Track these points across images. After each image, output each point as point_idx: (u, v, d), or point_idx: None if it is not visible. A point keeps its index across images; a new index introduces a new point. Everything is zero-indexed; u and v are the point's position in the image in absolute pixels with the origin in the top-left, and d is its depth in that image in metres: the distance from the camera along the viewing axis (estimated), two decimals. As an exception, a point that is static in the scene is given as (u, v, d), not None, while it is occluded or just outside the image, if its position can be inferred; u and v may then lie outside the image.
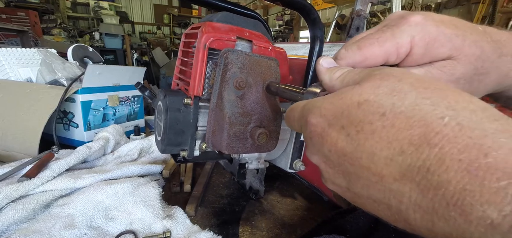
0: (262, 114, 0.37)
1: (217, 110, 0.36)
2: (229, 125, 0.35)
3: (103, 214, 0.51)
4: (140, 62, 4.81)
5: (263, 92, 0.37)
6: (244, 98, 0.36)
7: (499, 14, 3.15)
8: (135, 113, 1.03)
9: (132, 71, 1.00)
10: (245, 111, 0.36)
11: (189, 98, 0.37)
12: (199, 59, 0.36)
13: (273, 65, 0.38)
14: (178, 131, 0.38)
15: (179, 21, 7.99)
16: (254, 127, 0.36)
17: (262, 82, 0.37)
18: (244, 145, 0.37)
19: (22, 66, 0.95)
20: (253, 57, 0.36)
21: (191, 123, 0.38)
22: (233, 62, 0.35)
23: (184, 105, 0.37)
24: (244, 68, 0.35)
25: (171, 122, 0.37)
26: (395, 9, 2.29)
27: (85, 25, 6.52)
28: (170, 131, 0.37)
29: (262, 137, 0.35)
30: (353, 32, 1.29)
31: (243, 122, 0.36)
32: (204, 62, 0.37)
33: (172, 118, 0.37)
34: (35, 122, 0.73)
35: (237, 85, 0.35)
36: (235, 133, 0.35)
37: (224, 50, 0.35)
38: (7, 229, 0.46)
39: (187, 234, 0.48)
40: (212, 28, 0.37)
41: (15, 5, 4.56)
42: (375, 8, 4.09)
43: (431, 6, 4.00)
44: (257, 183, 0.64)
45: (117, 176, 0.64)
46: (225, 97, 0.35)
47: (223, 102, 0.35)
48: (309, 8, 0.41)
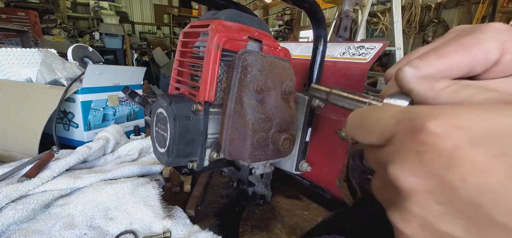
0: (282, 118, 0.35)
1: (236, 116, 0.33)
2: (252, 132, 0.32)
3: (103, 214, 0.51)
4: (140, 62, 4.81)
5: (281, 95, 0.35)
6: (264, 102, 0.34)
7: (499, 14, 3.16)
8: (135, 114, 1.03)
9: (132, 71, 1.00)
10: (266, 116, 0.33)
11: (198, 104, 0.34)
12: (211, 61, 0.33)
13: (287, 66, 0.36)
14: (188, 140, 0.35)
15: (179, 21, 7.98)
16: (275, 132, 0.34)
17: (279, 84, 0.35)
18: (266, 152, 0.34)
19: (22, 66, 0.95)
20: (269, 59, 0.34)
21: (201, 131, 0.35)
22: (253, 64, 0.32)
23: (193, 112, 0.34)
24: (263, 70, 0.33)
25: (180, 131, 0.33)
26: (395, 9, 2.28)
27: (85, 25, 6.52)
28: (180, 141, 0.34)
29: (287, 142, 0.33)
30: (341, 32, 1.30)
31: (265, 127, 0.33)
32: (217, 64, 0.34)
33: (181, 127, 0.34)
34: (35, 122, 0.73)
35: (258, 89, 0.32)
36: (258, 140, 0.33)
37: (242, 52, 0.33)
38: (7, 229, 0.46)
39: (187, 234, 0.48)
40: (224, 27, 0.35)
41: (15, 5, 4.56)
42: (375, 8, 4.09)
43: (431, 6, 4.00)
44: (262, 188, 0.63)
45: (117, 176, 0.64)
46: (245, 102, 0.32)
47: (244, 108, 0.32)
48: (316, 7, 0.41)
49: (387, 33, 4.04)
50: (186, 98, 0.36)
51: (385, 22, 4.04)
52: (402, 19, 3.60)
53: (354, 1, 1.34)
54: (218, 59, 0.34)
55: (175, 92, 0.41)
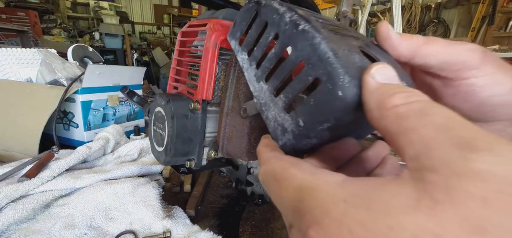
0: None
1: (233, 114, 0.33)
2: (250, 130, 0.32)
3: (103, 214, 0.51)
4: (140, 62, 4.81)
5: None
6: None
7: (499, 14, 3.16)
8: (135, 114, 1.03)
9: (132, 71, 1.00)
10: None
11: (196, 103, 0.34)
12: (209, 59, 0.33)
13: None
14: (186, 139, 0.34)
15: (179, 21, 7.97)
16: None
17: None
18: None
19: (22, 66, 0.95)
20: None
21: (199, 129, 0.35)
22: None
23: (191, 111, 0.34)
24: None
25: (178, 130, 0.33)
26: (395, 9, 2.28)
27: (85, 25, 6.51)
28: (178, 139, 0.34)
29: None
30: None
31: (263, 125, 0.34)
32: (215, 63, 0.34)
33: (179, 125, 0.33)
34: (35, 122, 0.73)
35: None
36: (255, 138, 0.33)
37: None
38: (7, 229, 0.46)
39: (187, 234, 0.48)
40: (222, 26, 0.35)
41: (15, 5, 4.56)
42: (375, 8, 4.09)
43: (431, 6, 4.00)
44: (260, 188, 0.63)
45: (117, 176, 0.64)
46: (243, 100, 0.32)
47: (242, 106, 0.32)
48: (314, 6, 0.41)
49: (387, 33, 4.03)
50: (184, 97, 0.36)
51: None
52: (402, 19, 3.60)
53: (352, 1, 1.33)
54: (215, 57, 0.34)
55: (173, 92, 0.41)
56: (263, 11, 0.23)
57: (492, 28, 3.24)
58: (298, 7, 0.23)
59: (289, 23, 0.20)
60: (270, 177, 0.18)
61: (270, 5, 0.22)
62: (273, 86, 0.23)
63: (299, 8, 0.23)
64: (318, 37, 0.18)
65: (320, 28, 0.19)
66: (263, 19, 0.23)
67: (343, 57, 0.17)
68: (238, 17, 0.27)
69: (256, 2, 0.24)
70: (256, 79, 0.24)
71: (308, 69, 0.19)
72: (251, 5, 0.25)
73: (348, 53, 0.18)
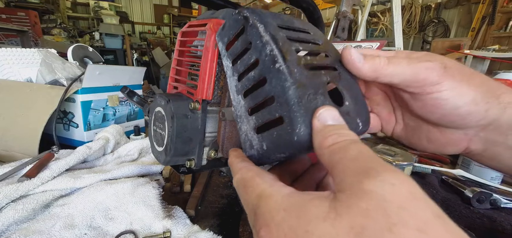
0: None
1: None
2: None
3: (103, 214, 0.51)
4: (140, 62, 4.81)
5: None
6: None
7: (499, 14, 3.16)
8: (135, 113, 1.03)
9: (132, 71, 1.00)
10: None
11: (196, 103, 0.34)
12: (209, 59, 0.33)
13: None
14: (186, 139, 0.34)
15: (179, 21, 7.98)
16: None
17: None
18: None
19: (22, 66, 0.95)
20: None
21: (199, 129, 0.35)
22: None
23: (191, 111, 0.34)
24: None
25: (178, 130, 0.33)
26: (395, 9, 2.28)
27: (85, 25, 6.52)
28: (177, 139, 0.34)
29: None
30: (339, 32, 1.30)
31: None
32: (215, 63, 0.34)
33: (179, 125, 0.33)
34: (35, 122, 0.73)
35: None
36: None
37: None
38: (7, 229, 0.46)
39: (187, 234, 0.48)
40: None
41: (15, 5, 4.57)
42: (375, 8, 4.09)
43: (431, 6, 4.00)
44: None
45: (117, 176, 0.64)
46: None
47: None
48: (314, 7, 0.41)
49: (387, 33, 4.03)
50: (184, 97, 0.36)
51: (385, 22, 4.04)
52: (402, 19, 3.60)
53: (352, 2, 1.33)
54: (215, 57, 0.34)
55: (173, 92, 0.41)
56: (249, 31, 0.24)
57: (492, 28, 3.24)
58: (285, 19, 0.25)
59: (269, 56, 0.22)
60: (241, 184, 0.21)
61: (256, 28, 0.23)
62: (248, 105, 0.24)
63: (284, 21, 0.25)
64: (289, 81, 0.20)
65: (295, 66, 0.21)
66: (248, 39, 0.24)
67: (306, 105, 0.19)
68: (227, 21, 0.28)
69: (245, 17, 0.24)
70: (236, 91, 0.26)
71: (276, 106, 0.21)
72: (239, 17, 0.25)
73: (312, 98, 0.20)
